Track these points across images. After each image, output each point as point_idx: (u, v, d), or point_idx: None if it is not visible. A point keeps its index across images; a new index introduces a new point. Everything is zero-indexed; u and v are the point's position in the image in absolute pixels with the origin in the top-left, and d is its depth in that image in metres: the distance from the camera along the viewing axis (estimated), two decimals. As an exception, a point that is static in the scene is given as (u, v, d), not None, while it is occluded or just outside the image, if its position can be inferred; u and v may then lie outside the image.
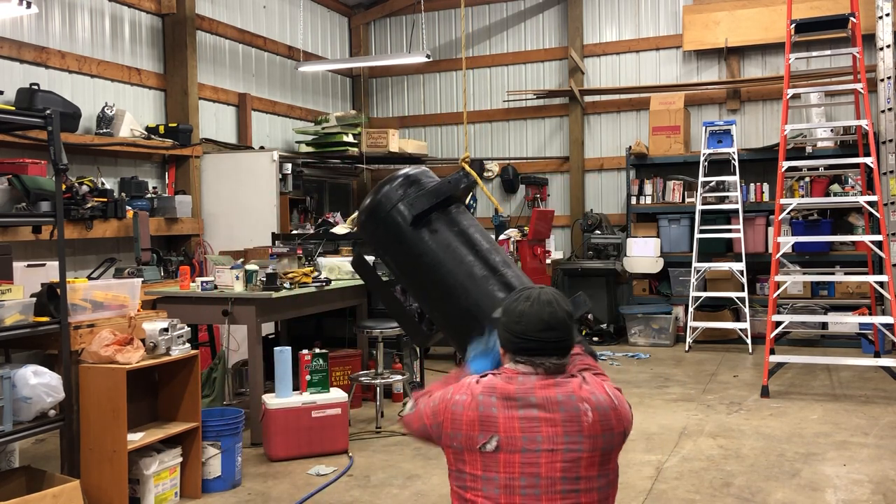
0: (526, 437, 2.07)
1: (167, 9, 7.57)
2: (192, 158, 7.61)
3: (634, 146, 9.11)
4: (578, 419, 2.08)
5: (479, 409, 2.12)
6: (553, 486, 2.05)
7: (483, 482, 2.10)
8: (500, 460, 2.08)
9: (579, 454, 2.06)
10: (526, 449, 2.06)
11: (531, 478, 2.05)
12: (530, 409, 2.09)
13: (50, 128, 3.83)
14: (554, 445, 2.06)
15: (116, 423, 3.84)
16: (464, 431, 2.13)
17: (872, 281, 6.74)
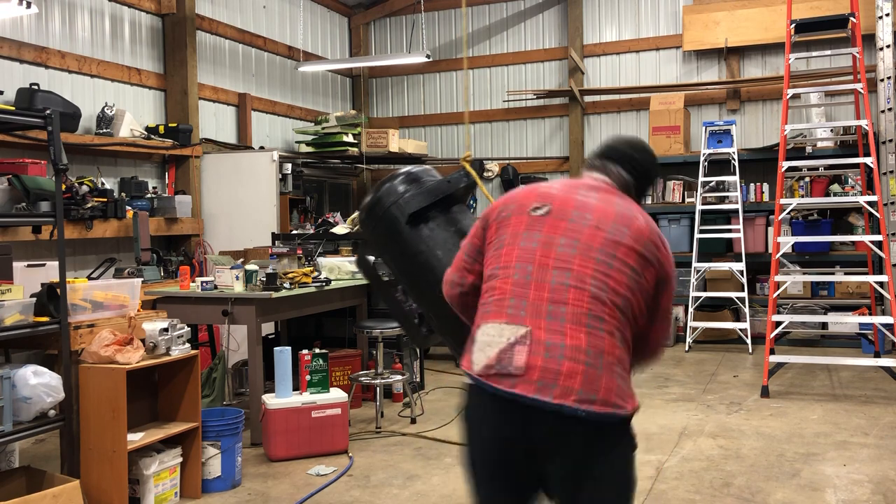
0: (577, 211, 2.20)
1: (167, 9, 7.57)
2: (192, 158, 7.61)
3: (634, 146, 9.10)
4: (630, 220, 2.20)
5: (539, 189, 2.30)
6: (589, 252, 2.13)
7: (523, 237, 2.19)
8: (546, 222, 2.20)
9: (621, 240, 2.15)
10: (573, 220, 2.19)
11: (571, 240, 2.15)
12: (589, 196, 2.25)
13: (50, 128, 3.83)
14: (600, 224, 2.17)
15: (116, 423, 3.84)
16: (518, 203, 2.28)
17: (872, 281, 6.74)
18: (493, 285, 2.18)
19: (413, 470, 4.67)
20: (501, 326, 2.09)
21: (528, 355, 2.02)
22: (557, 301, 2.07)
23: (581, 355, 2.01)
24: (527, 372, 2.00)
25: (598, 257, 2.12)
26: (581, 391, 1.98)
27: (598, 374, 2.01)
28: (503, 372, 2.03)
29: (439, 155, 10.60)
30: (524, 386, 1.99)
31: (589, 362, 2.01)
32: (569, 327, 2.04)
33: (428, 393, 6.64)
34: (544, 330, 2.05)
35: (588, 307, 2.07)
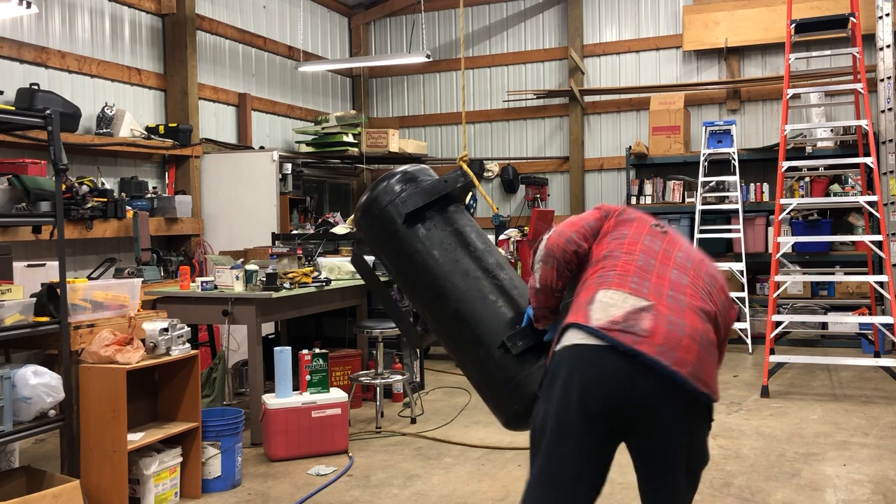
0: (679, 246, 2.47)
1: (167, 9, 7.57)
2: (192, 158, 7.61)
3: (634, 146, 9.12)
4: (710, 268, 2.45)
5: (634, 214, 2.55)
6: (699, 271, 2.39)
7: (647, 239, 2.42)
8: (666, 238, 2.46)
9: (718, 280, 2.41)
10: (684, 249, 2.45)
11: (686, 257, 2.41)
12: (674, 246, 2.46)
13: (50, 128, 3.83)
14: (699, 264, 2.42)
15: (116, 423, 3.84)
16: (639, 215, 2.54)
17: (872, 281, 6.74)
18: (614, 264, 2.32)
19: (413, 470, 4.68)
20: (626, 295, 2.21)
21: (653, 321, 2.14)
22: (677, 290, 2.26)
23: (698, 336, 2.16)
24: (651, 335, 2.11)
25: (705, 279, 2.37)
26: (693, 366, 2.12)
27: (708, 358, 2.17)
28: (628, 329, 2.12)
29: (439, 155, 10.60)
30: (647, 346, 2.10)
31: (702, 345, 2.16)
32: (688, 312, 2.21)
33: (428, 393, 6.64)
34: (666, 307, 2.19)
35: (701, 304, 2.25)
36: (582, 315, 2.19)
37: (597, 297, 2.21)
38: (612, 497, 4.20)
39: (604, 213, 2.53)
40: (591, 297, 2.23)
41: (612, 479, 4.42)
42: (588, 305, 2.21)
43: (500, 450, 5.04)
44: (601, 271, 2.31)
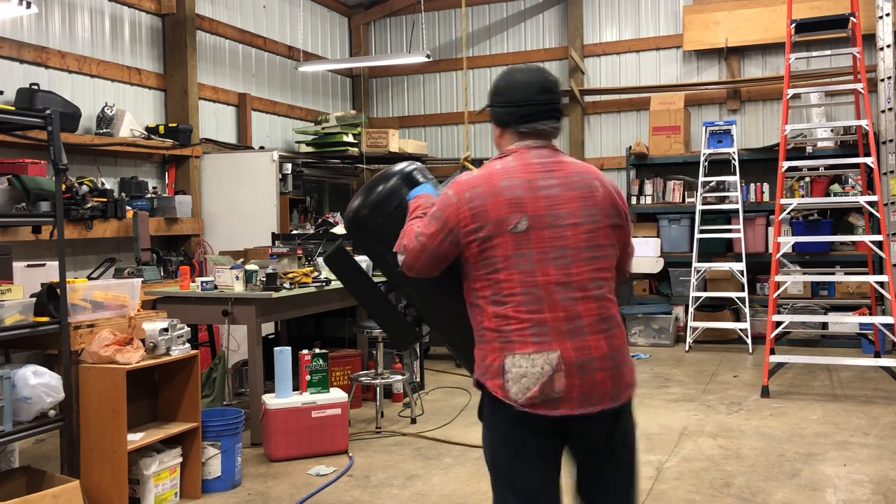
0: (551, 213, 2.24)
1: (167, 9, 7.57)
2: (192, 158, 7.61)
3: (634, 146, 9.11)
4: (592, 195, 2.29)
5: (505, 194, 2.23)
6: (579, 255, 2.24)
7: (516, 259, 2.22)
8: (531, 238, 2.22)
9: (596, 225, 2.28)
10: (553, 224, 2.23)
11: (560, 249, 2.23)
12: (552, 188, 2.26)
13: (50, 128, 3.83)
14: (576, 220, 2.25)
15: (116, 423, 3.84)
16: (492, 218, 2.22)
17: (872, 281, 6.74)
18: (505, 313, 2.22)
19: (413, 470, 4.67)
20: (531, 357, 2.18)
21: (566, 378, 2.17)
22: (572, 318, 2.21)
23: (608, 362, 2.22)
24: (568, 392, 2.18)
25: (587, 256, 2.26)
26: (612, 393, 2.23)
27: (621, 370, 2.25)
28: (547, 399, 2.18)
29: (439, 155, 10.60)
30: (568, 405, 2.19)
31: (614, 365, 2.23)
32: (591, 340, 2.21)
33: (428, 393, 6.64)
34: (572, 350, 2.19)
35: (598, 313, 2.24)
36: (500, 389, 2.21)
37: (507, 366, 2.20)
38: (612, 497, 4.19)
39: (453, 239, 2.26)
40: (502, 364, 2.20)
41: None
42: (503, 375, 2.20)
43: (500, 450, 5.03)
44: (499, 325, 2.22)
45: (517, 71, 2.40)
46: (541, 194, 2.24)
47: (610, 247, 2.31)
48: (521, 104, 2.33)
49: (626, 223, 2.40)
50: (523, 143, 2.33)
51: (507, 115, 2.35)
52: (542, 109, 2.33)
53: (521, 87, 2.34)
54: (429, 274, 2.39)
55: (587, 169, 2.34)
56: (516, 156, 2.31)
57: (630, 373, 2.30)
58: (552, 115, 2.35)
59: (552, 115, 2.35)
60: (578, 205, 2.26)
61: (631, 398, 2.32)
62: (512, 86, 2.36)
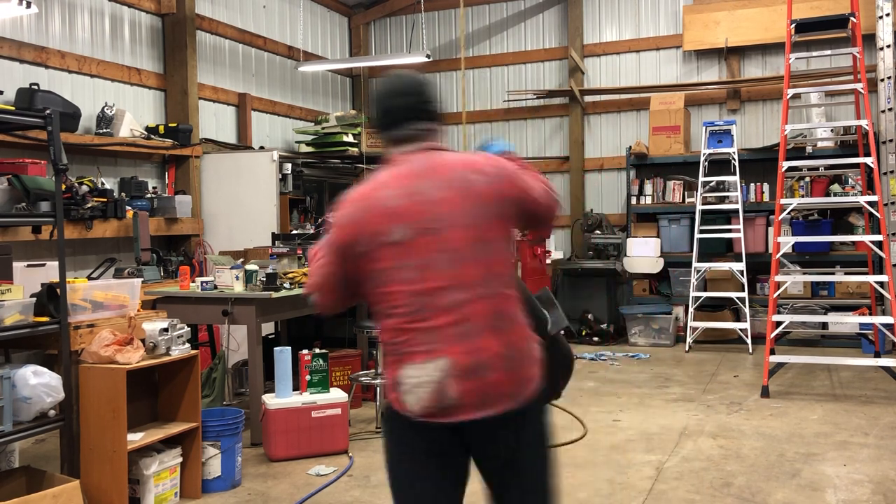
0: (431, 218, 2.16)
1: (167, 9, 7.57)
2: (192, 158, 7.61)
3: (634, 146, 9.12)
4: (471, 189, 2.18)
5: (381, 206, 2.20)
6: (464, 255, 2.16)
7: (398, 271, 2.17)
8: (411, 247, 2.16)
9: (480, 220, 2.17)
10: (434, 229, 2.16)
11: (444, 252, 2.15)
12: (429, 192, 2.18)
13: (50, 128, 3.83)
14: (457, 219, 2.16)
15: (116, 423, 3.84)
16: (368, 232, 2.19)
17: (872, 281, 6.74)
18: (395, 325, 2.19)
19: (413, 470, 4.67)
20: (423, 365, 2.14)
21: (458, 384, 2.12)
22: (460, 320, 2.14)
23: (501, 361, 2.15)
24: (463, 398, 2.13)
25: (473, 255, 2.17)
26: (511, 393, 2.16)
27: (519, 368, 2.18)
28: (442, 406, 2.14)
29: (439, 155, 10.58)
30: (465, 411, 2.14)
31: (509, 364, 2.16)
32: (481, 341, 2.14)
33: (428, 393, 6.63)
34: (462, 354, 2.13)
35: (489, 312, 2.16)
36: (397, 400, 2.21)
37: (401, 378, 2.18)
38: (611, 497, 4.20)
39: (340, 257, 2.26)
40: (397, 376, 2.19)
41: (612, 480, 4.44)
42: (398, 387, 2.19)
43: (500, 450, 5.03)
44: (391, 338, 2.22)
45: (383, 79, 2.39)
46: (417, 200, 2.17)
47: (501, 240, 2.22)
48: (386, 112, 2.32)
49: (518, 182, 2.26)
50: (399, 150, 2.30)
51: (379, 125, 2.35)
52: (405, 113, 2.29)
53: (384, 95, 2.33)
54: (346, 304, 2.40)
55: (466, 163, 2.25)
56: (394, 164, 2.28)
57: (529, 372, 2.20)
58: (417, 117, 2.29)
59: (417, 116, 2.29)
60: (458, 203, 2.17)
61: (537, 397, 2.22)
62: (379, 96, 2.35)
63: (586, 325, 9.15)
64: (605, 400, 6.31)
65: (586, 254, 9.48)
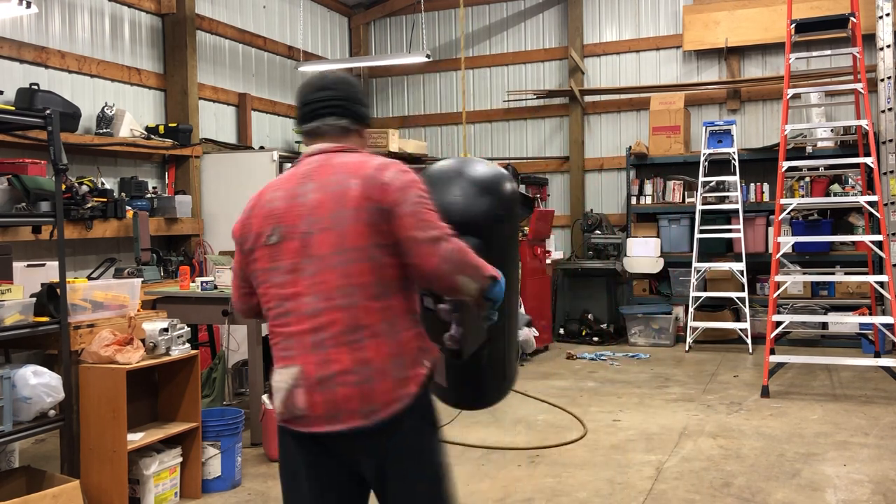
0: (306, 221, 2.15)
1: (167, 9, 7.57)
2: (192, 158, 7.61)
3: (634, 146, 9.12)
4: (345, 195, 2.12)
5: (266, 206, 2.22)
6: (327, 262, 2.12)
7: (271, 273, 2.18)
8: (283, 250, 2.16)
9: (345, 228, 2.11)
10: (306, 233, 2.14)
11: (311, 258, 2.13)
12: (308, 195, 2.17)
13: (50, 128, 3.83)
14: (326, 225, 2.12)
15: (116, 423, 3.84)
16: (253, 232, 2.23)
17: (872, 281, 6.74)
18: (269, 328, 2.24)
19: (413, 470, 4.67)
20: (281, 371, 2.17)
21: (306, 395, 2.12)
22: (317, 329, 2.12)
23: (350, 377, 2.09)
24: (311, 409, 2.12)
25: (335, 263, 2.12)
26: (361, 410, 2.09)
27: (371, 385, 2.09)
28: (294, 415, 2.15)
29: (439, 155, 10.59)
30: (315, 423, 2.13)
31: (358, 381, 2.09)
32: (332, 353, 2.10)
33: (428, 393, 6.63)
34: (313, 364, 2.11)
35: (345, 323, 2.11)
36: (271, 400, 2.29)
37: (272, 380, 2.22)
38: (611, 497, 4.20)
39: (238, 252, 2.31)
40: (271, 378, 2.25)
41: (612, 480, 4.44)
42: (271, 390, 2.26)
43: (500, 450, 5.04)
44: (270, 336, 2.26)
45: (310, 76, 2.41)
46: (297, 202, 2.16)
47: (365, 248, 2.10)
48: (302, 105, 2.31)
49: (391, 212, 2.10)
50: (307, 148, 2.30)
51: (296, 118, 2.36)
52: (313, 108, 2.27)
53: (303, 89, 2.33)
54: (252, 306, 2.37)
55: (350, 167, 2.17)
56: (295, 164, 2.28)
57: (388, 390, 2.09)
58: (331, 113, 2.26)
59: (331, 112, 2.26)
60: (330, 208, 2.13)
61: (402, 417, 2.11)
62: (299, 89, 2.36)
63: (586, 325, 9.15)
64: (605, 400, 6.31)
65: (586, 254, 9.48)
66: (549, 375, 7.31)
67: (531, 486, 4.39)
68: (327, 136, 2.27)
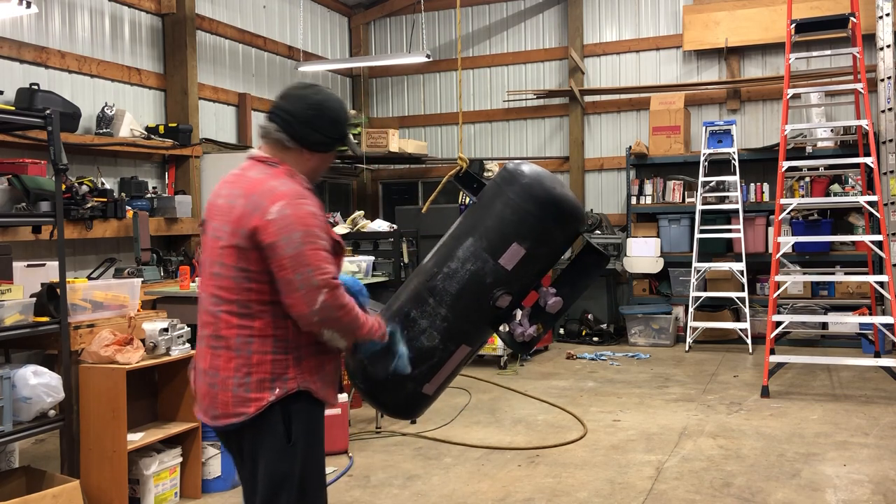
0: (214, 223, 2.32)
1: (167, 9, 7.57)
2: (191, 158, 7.61)
3: (634, 146, 9.11)
4: (231, 212, 2.25)
5: (212, 198, 2.39)
6: (211, 268, 2.31)
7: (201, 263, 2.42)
8: (204, 244, 2.40)
9: (223, 242, 2.26)
10: (211, 234, 2.33)
11: (207, 258, 2.35)
12: (220, 198, 2.33)
13: (50, 128, 3.83)
14: (217, 231, 2.30)
15: (116, 423, 3.84)
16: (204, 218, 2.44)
17: (872, 281, 6.74)
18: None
19: (413, 470, 4.67)
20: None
21: (193, 380, 2.43)
22: (202, 325, 2.36)
23: (207, 378, 2.32)
24: (196, 394, 2.42)
25: (214, 271, 2.29)
26: (209, 409, 2.33)
27: (216, 392, 2.29)
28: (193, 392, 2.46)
29: (439, 155, 10.60)
30: (196, 408, 2.44)
31: (210, 382, 2.31)
32: (204, 351, 2.33)
33: (428, 393, 6.63)
34: (198, 354, 2.38)
35: (212, 328, 2.30)
36: None
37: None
38: (611, 497, 4.20)
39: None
40: None
41: (612, 480, 4.44)
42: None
43: (500, 450, 5.04)
44: None
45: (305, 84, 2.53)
46: (216, 203, 2.33)
47: (231, 267, 2.21)
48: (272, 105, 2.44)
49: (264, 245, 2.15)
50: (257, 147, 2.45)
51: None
52: (270, 110, 2.36)
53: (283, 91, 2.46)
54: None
55: (247, 185, 2.24)
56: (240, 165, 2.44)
57: (227, 403, 2.25)
58: (272, 118, 2.33)
59: (272, 117, 2.34)
60: (220, 219, 2.27)
61: (245, 426, 2.27)
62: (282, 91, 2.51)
63: (586, 325, 9.15)
64: (605, 400, 6.31)
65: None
66: (549, 375, 7.31)
67: (531, 486, 4.39)
68: (265, 143, 2.36)
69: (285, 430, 2.27)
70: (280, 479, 2.30)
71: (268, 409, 2.23)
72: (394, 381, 2.60)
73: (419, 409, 2.83)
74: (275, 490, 2.31)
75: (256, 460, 2.33)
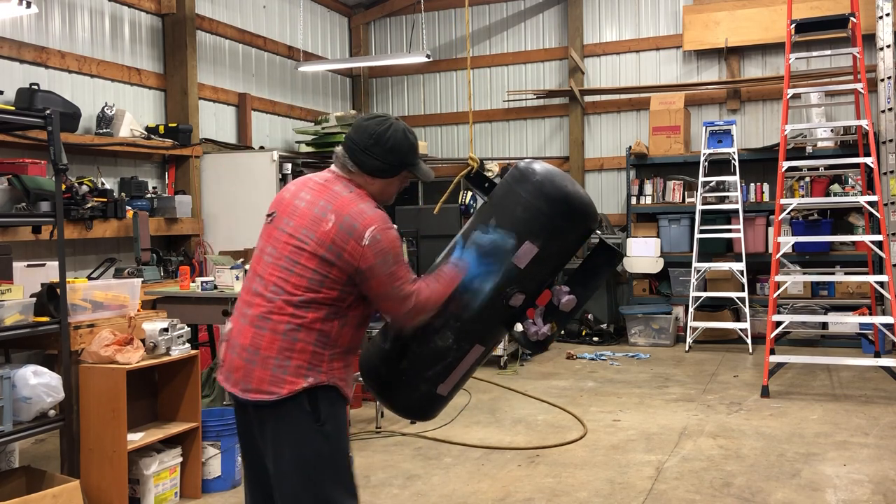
0: (287, 218, 2.54)
1: (167, 9, 7.57)
2: (191, 158, 7.61)
3: (634, 146, 9.11)
4: (319, 223, 2.47)
5: (285, 192, 2.64)
6: (278, 261, 2.50)
7: (258, 247, 2.62)
8: (267, 231, 2.60)
9: (304, 247, 2.46)
10: (281, 227, 2.54)
11: (272, 248, 2.54)
12: (305, 197, 2.55)
13: (50, 128, 3.83)
14: (294, 231, 2.50)
15: (116, 423, 3.84)
16: (270, 209, 2.66)
17: (872, 281, 6.74)
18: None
19: (413, 470, 4.67)
20: (228, 322, 2.63)
21: (225, 350, 2.56)
22: (248, 304, 2.53)
23: (244, 353, 2.48)
24: (223, 364, 2.56)
25: (283, 265, 2.49)
26: (242, 382, 2.48)
27: (253, 368, 2.46)
28: (220, 363, 2.59)
29: (439, 155, 10.60)
30: (220, 374, 2.58)
31: (249, 359, 2.47)
32: (246, 328, 2.50)
33: (428, 393, 6.63)
34: (237, 330, 2.54)
35: (261, 310, 2.48)
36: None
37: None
38: (611, 497, 4.20)
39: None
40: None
41: (612, 480, 4.44)
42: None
43: (500, 450, 5.04)
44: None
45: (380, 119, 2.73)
46: (294, 202, 2.56)
47: (312, 271, 2.44)
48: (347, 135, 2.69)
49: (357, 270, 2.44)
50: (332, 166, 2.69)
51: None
52: (343, 140, 2.63)
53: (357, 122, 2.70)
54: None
55: (337, 201, 2.49)
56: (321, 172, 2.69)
57: (263, 380, 2.44)
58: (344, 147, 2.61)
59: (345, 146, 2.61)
60: (304, 224, 2.49)
61: (274, 404, 2.43)
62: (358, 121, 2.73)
63: (586, 325, 9.15)
64: (605, 400, 6.31)
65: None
66: (549, 375, 7.31)
67: (531, 486, 4.39)
68: (337, 165, 2.62)
69: (313, 412, 2.44)
70: (312, 458, 2.46)
71: (297, 394, 2.42)
72: (407, 382, 2.67)
73: (433, 411, 2.85)
74: (307, 471, 2.46)
75: (280, 449, 2.47)
